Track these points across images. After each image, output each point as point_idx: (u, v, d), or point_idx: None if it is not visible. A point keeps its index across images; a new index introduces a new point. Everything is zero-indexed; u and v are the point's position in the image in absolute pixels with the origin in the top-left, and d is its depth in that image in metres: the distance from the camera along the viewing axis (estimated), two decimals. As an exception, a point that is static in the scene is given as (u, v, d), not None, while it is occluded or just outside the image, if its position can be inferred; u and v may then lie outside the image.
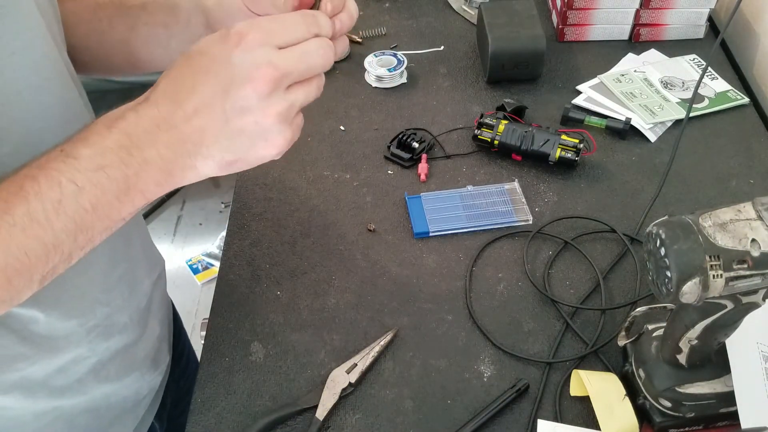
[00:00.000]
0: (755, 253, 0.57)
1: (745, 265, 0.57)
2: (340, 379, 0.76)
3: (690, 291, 0.57)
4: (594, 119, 1.05)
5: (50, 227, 0.46)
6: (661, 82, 1.11)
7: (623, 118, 1.04)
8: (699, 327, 0.64)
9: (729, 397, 0.67)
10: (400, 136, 1.02)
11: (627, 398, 0.71)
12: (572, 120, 1.05)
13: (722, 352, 0.68)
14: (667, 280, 0.58)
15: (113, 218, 0.49)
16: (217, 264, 1.37)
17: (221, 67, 0.47)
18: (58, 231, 0.46)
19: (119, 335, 0.69)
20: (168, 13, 0.65)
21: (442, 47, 1.20)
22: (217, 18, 0.63)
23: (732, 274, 0.57)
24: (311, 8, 0.55)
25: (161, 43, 0.66)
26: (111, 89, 1.71)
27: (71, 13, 0.65)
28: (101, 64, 0.69)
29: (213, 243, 2.23)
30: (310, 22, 0.50)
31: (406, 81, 1.14)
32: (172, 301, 0.89)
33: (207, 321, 0.83)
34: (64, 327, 0.61)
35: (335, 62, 1.24)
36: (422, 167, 0.99)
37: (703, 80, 1.09)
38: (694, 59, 1.15)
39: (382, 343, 0.79)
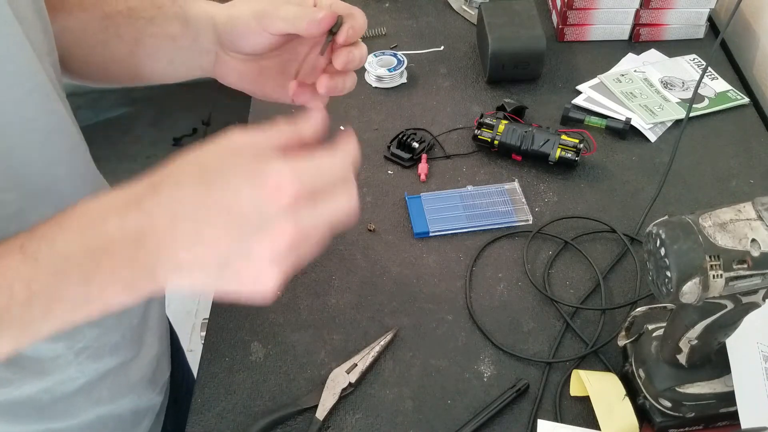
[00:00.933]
0: (755, 253, 0.57)
1: (745, 265, 0.57)
2: (340, 379, 0.76)
3: (690, 291, 0.57)
4: (594, 119, 1.05)
5: None
6: (661, 82, 1.11)
7: (623, 118, 1.04)
8: (699, 327, 0.64)
9: (729, 397, 0.67)
10: (400, 136, 1.02)
11: (627, 398, 0.71)
12: (572, 120, 1.05)
13: (722, 351, 0.68)
14: (667, 280, 0.58)
15: (66, 323, 0.44)
16: (217, 264, 1.37)
17: (245, 211, 0.41)
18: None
19: (110, 356, 0.66)
20: (177, 25, 0.63)
21: (442, 47, 1.20)
22: (228, 35, 0.61)
23: (732, 274, 0.57)
24: (330, 31, 0.55)
25: (166, 56, 0.65)
26: (111, 89, 1.71)
27: (81, 23, 0.63)
28: (101, 76, 0.68)
29: (213, 243, 2.22)
30: (348, 178, 0.45)
31: (406, 81, 1.14)
32: (168, 317, 0.87)
33: (207, 321, 0.83)
34: (52, 349, 0.59)
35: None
36: (422, 167, 0.99)
37: (703, 80, 1.08)
38: (694, 59, 1.15)
39: (382, 343, 0.79)
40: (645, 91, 1.09)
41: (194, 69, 0.65)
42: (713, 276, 0.57)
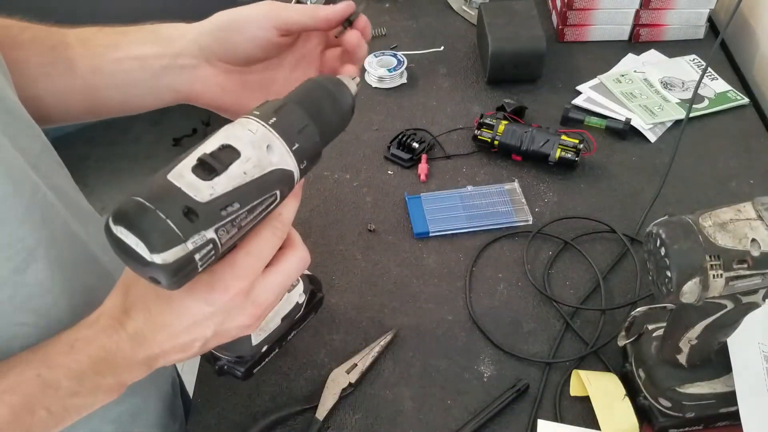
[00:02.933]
0: (755, 253, 0.57)
1: (745, 265, 0.57)
2: (340, 379, 0.76)
3: (690, 291, 0.57)
4: (594, 119, 1.05)
5: None
6: (661, 82, 1.11)
7: (623, 119, 1.04)
8: (699, 327, 0.64)
9: (729, 397, 0.67)
10: (400, 137, 1.02)
11: (627, 398, 0.71)
12: (572, 120, 1.05)
13: (722, 352, 0.68)
14: (667, 280, 0.58)
15: (67, 424, 0.50)
16: (217, 264, 1.37)
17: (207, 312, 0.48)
18: None
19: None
20: (149, 46, 0.59)
21: (442, 47, 1.20)
22: (226, 38, 0.59)
23: (732, 273, 0.57)
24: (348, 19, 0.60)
25: (130, 81, 0.60)
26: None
27: (17, 60, 0.58)
28: (55, 115, 0.61)
29: (213, 243, 2.23)
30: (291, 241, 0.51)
31: (406, 81, 1.14)
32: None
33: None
34: None
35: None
36: (422, 167, 0.99)
37: (703, 81, 1.08)
38: (693, 59, 1.15)
39: (382, 343, 0.79)
40: (645, 92, 1.09)
41: (165, 92, 0.61)
42: (713, 276, 0.57)
